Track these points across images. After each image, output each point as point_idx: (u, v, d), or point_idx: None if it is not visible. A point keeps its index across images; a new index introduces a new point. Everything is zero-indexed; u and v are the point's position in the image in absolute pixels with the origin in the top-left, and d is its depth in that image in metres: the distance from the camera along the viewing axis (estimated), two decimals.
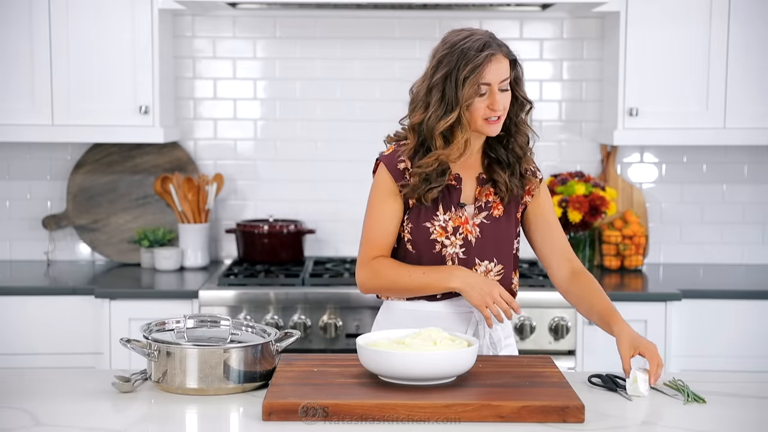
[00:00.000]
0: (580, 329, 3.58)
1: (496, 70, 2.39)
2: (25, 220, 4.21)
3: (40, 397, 2.19)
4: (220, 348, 2.22)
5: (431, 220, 2.48)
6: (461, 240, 2.48)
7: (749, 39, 3.79)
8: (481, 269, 2.49)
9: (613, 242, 4.04)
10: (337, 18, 4.13)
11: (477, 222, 2.49)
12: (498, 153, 2.51)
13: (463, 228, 2.48)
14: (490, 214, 2.51)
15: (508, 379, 2.21)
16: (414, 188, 2.45)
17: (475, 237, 2.49)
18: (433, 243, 2.47)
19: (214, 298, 3.56)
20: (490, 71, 2.38)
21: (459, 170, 2.51)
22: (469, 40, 2.39)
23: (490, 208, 2.51)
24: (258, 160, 4.21)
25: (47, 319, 3.63)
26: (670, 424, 2.05)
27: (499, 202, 2.51)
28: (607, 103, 4.04)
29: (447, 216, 2.48)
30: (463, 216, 2.49)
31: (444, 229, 2.48)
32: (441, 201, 2.48)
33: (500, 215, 2.51)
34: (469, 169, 2.52)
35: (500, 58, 2.40)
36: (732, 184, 4.21)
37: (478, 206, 2.50)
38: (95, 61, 3.81)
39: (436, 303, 2.51)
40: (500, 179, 2.49)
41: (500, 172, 2.50)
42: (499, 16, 4.14)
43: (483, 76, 2.37)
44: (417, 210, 2.49)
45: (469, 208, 2.50)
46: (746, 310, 3.64)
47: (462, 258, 2.48)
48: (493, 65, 2.39)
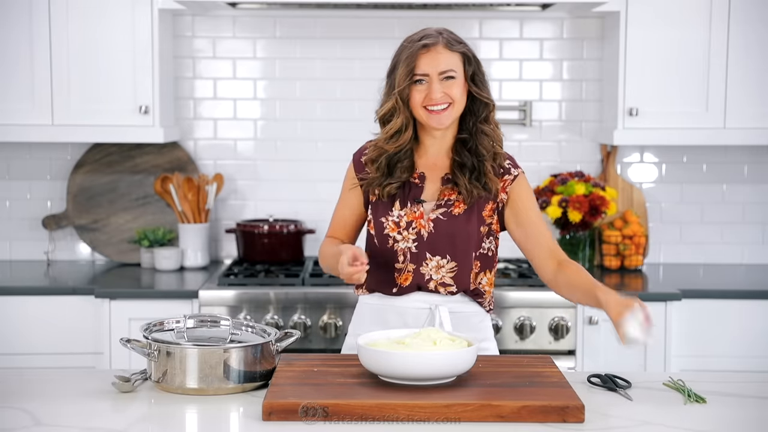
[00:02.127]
0: (580, 329, 3.58)
1: (432, 60, 2.43)
2: (25, 220, 4.21)
3: (40, 397, 2.19)
4: (220, 348, 2.22)
5: (386, 215, 2.52)
6: (414, 234, 2.50)
7: (749, 39, 3.79)
8: (432, 264, 2.50)
9: (613, 242, 4.04)
10: (337, 18, 4.13)
11: (432, 217, 2.51)
12: (463, 156, 2.52)
13: (417, 222, 2.50)
14: (449, 212, 2.51)
15: (508, 379, 2.21)
16: (370, 181, 2.52)
17: (427, 232, 2.50)
18: (386, 238, 2.51)
19: (214, 298, 3.56)
20: (424, 61, 2.43)
21: (425, 170, 2.54)
22: (415, 35, 2.48)
23: (450, 206, 2.52)
24: (258, 160, 4.21)
25: (47, 319, 3.63)
26: (670, 424, 2.05)
27: (461, 202, 2.52)
28: (607, 103, 4.04)
29: (402, 212, 2.51)
30: (419, 211, 2.51)
31: (397, 225, 2.50)
32: (399, 197, 2.52)
33: (460, 213, 2.51)
34: (436, 169, 2.55)
35: (439, 48, 2.44)
36: (732, 184, 4.22)
37: (438, 203, 2.52)
38: (95, 61, 3.81)
39: (393, 298, 2.53)
40: (461, 182, 2.49)
41: (461, 176, 2.50)
42: (499, 16, 4.14)
43: (417, 66, 2.43)
44: (375, 205, 2.54)
45: (428, 205, 2.52)
46: (746, 310, 3.64)
47: (414, 252, 2.50)
48: (430, 55, 2.43)
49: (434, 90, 2.43)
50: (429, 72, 2.43)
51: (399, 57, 2.48)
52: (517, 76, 4.17)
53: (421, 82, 2.44)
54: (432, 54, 2.43)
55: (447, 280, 2.51)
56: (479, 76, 2.49)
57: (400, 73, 2.44)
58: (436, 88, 2.43)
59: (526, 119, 4.17)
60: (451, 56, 2.45)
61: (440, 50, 2.44)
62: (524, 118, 4.17)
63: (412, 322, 2.51)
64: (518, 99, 4.18)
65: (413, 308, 2.52)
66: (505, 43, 4.16)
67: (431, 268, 2.50)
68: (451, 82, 2.44)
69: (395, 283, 2.52)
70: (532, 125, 4.18)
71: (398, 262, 2.51)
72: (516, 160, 2.60)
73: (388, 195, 2.51)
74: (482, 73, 2.50)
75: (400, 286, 2.52)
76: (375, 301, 2.57)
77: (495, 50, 4.16)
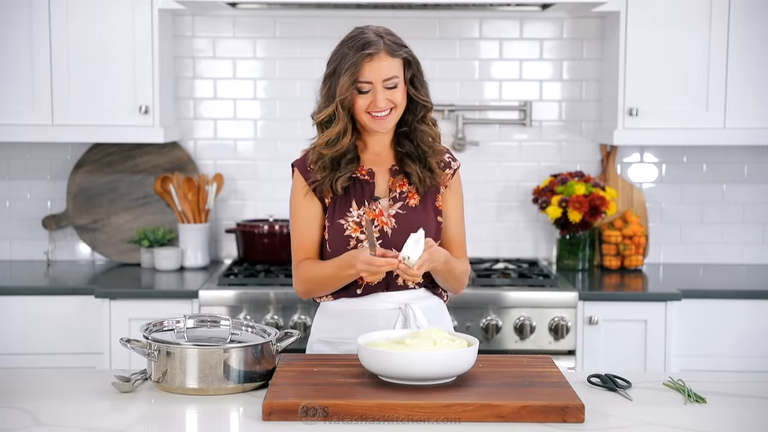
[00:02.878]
0: (580, 329, 3.58)
1: (376, 69, 2.44)
2: (25, 220, 4.21)
3: (40, 397, 2.19)
4: (220, 348, 2.22)
5: (345, 216, 2.52)
6: (377, 233, 2.50)
7: (749, 39, 3.79)
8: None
9: (613, 242, 4.04)
10: (337, 18, 4.13)
11: (392, 213, 2.52)
12: (406, 147, 2.55)
13: (378, 220, 2.51)
14: (406, 204, 2.54)
15: (508, 379, 2.21)
16: (321, 180, 2.51)
17: (391, 228, 2.51)
18: (347, 239, 2.50)
19: (214, 298, 3.57)
20: (368, 70, 2.43)
21: (371, 165, 2.56)
22: (355, 39, 2.46)
23: (405, 198, 2.54)
24: (258, 160, 4.21)
25: (47, 319, 3.63)
26: (670, 424, 2.05)
27: (414, 192, 2.54)
28: (607, 103, 4.04)
29: (361, 210, 2.51)
30: (377, 209, 2.52)
31: (358, 224, 2.50)
32: (354, 196, 2.52)
33: (416, 204, 2.54)
34: (382, 164, 2.57)
35: (382, 56, 2.44)
36: (732, 184, 4.21)
37: (393, 197, 2.54)
38: (95, 61, 3.81)
39: (359, 300, 2.53)
40: (412, 171, 2.53)
41: (411, 165, 2.54)
42: (499, 16, 4.14)
43: (361, 74, 2.43)
44: (332, 208, 2.53)
45: (384, 201, 2.53)
46: (746, 310, 3.64)
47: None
48: (373, 64, 2.43)
49: (379, 99, 2.45)
50: (373, 80, 2.44)
51: (340, 63, 2.46)
52: (517, 76, 4.17)
53: (364, 90, 2.45)
54: (375, 62, 2.44)
55: None
56: (418, 78, 2.52)
57: (343, 82, 2.43)
58: (380, 97, 2.45)
59: (526, 119, 4.17)
60: (393, 62, 2.46)
61: (383, 57, 2.44)
62: (524, 118, 4.17)
63: (384, 324, 2.51)
64: (518, 99, 4.18)
65: (383, 309, 2.53)
66: (505, 43, 4.16)
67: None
68: (394, 90, 2.46)
69: (358, 284, 2.52)
70: (532, 125, 4.18)
71: None
72: (452, 152, 2.65)
73: (342, 188, 2.50)
74: (421, 74, 2.53)
75: (366, 285, 2.52)
76: (342, 306, 2.56)
77: (495, 50, 4.16)
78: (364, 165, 2.55)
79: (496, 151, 4.17)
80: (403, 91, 2.49)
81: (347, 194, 2.53)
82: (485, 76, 4.17)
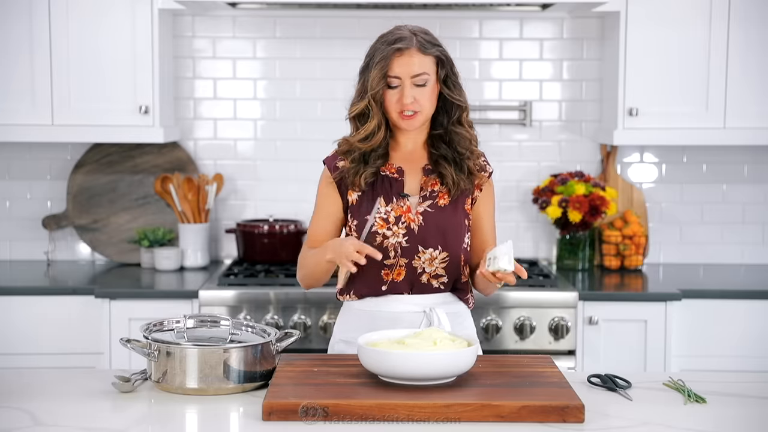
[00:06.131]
0: (580, 329, 3.58)
1: (406, 64, 2.44)
2: (25, 220, 4.21)
3: (40, 397, 2.19)
4: (220, 348, 2.22)
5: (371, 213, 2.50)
6: (404, 229, 2.50)
7: (749, 39, 3.79)
8: (425, 257, 2.50)
9: (613, 242, 4.04)
10: (337, 18, 4.13)
11: (420, 210, 2.51)
12: (441, 150, 2.54)
13: (406, 217, 2.50)
14: (435, 203, 2.53)
15: (508, 379, 2.21)
16: (346, 172, 2.50)
17: (417, 225, 2.50)
18: (374, 235, 2.49)
19: (214, 298, 3.57)
20: (397, 64, 2.44)
21: (402, 163, 2.55)
22: (389, 35, 2.48)
23: (435, 197, 2.53)
24: (258, 160, 4.21)
25: (47, 319, 3.63)
26: (670, 424, 2.05)
27: (446, 192, 2.53)
28: (607, 103, 4.04)
29: (389, 207, 2.50)
30: (405, 206, 2.51)
31: (385, 221, 2.50)
32: (383, 193, 2.51)
33: (446, 204, 2.53)
34: (414, 162, 2.56)
35: (412, 52, 2.44)
36: (732, 184, 4.22)
37: (423, 195, 2.53)
38: (95, 61, 3.81)
39: (385, 301, 2.52)
40: (446, 173, 2.52)
41: (446, 166, 2.53)
42: (499, 16, 4.14)
43: (391, 69, 2.44)
44: (359, 204, 2.52)
45: (413, 198, 2.53)
46: (746, 310, 3.64)
47: (405, 246, 2.50)
48: (403, 59, 2.44)
49: (406, 95, 2.44)
50: (401, 75, 2.44)
51: (372, 58, 2.48)
52: (517, 76, 4.17)
53: (393, 85, 2.46)
54: (405, 57, 2.44)
55: (440, 272, 2.52)
56: (452, 78, 2.51)
57: (374, 76, 2.45)
58: (407, 93, 2.44)
59: (526, 119, 4.17)
60: (424, 59, 2.46)
61: (413, 53, 2.45)
62: (524, 118, 4.18)
63: (407, 326, 2.49)
64: (518, 99, 4.18)
65: (407, 312, 2.52)
66: (505, 43, 4.16)
67: (424, 261, 2.51)
68: (423, 89, 2.46)
69: (384, 281, 2.52)
70: (532, 125, 4.18)
71: (388, 258, 2.50)
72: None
73: (365, 183, 2.50)
74: (455, 74, 2.52)
75: (391, 281, 2.51)
76: (365, 306, 2.55)
77: (495, 50, 4.16)
78: (394, 163, 2.54)
79: (496, 151, 4.17)
80: (433, 91, 2.47)
81: (374, 191, 2.52)
82: (485, 76, 4.17)
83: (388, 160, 2.54)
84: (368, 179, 2.50)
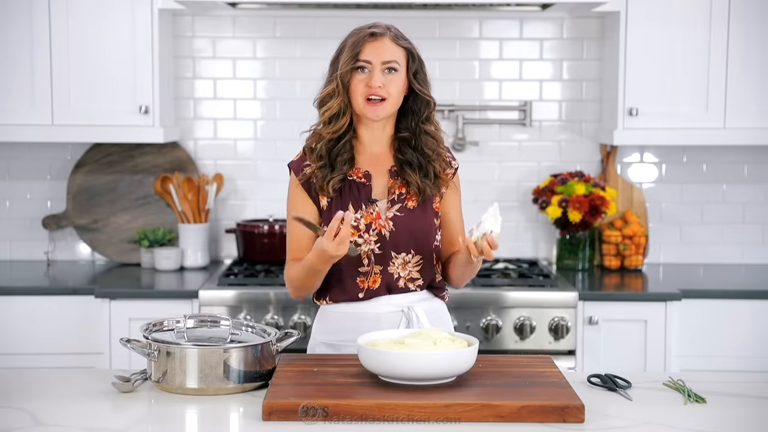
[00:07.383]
0: (580, 329, 3.58)
1: (378, 49, 2.46)
2: (25, 220, 4.21)
3: (40, 397, 2.19)
4: (220, 348, 2.22)
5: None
6: (376, 236, 2.49)
7: (749, 39, 3.79)
8: (398, 261, 2.51)
9: (613, 242, 4.04)
10: (337, 18, 4.13)
11: (390, 216, 2.51)
12: (407, 155, 2.53)
13: (376, 224, 2.50)
14: (404, 206, 2.52)
15: (508, 379, 2.21)
16: (314, 175, 2.49)
17: (389, 231, 2.50)
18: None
19: (214, 298, 3.57)
20: (370, 48, 2.46)
21: (369, 167, 2.54)
22: (365, 26, 2.51)
23: (404, 200, 2.53)
24: (258, 160, 4.21)
25: (47, 319, 3.63)
26: (670, 424, 2.05)
27: (413, 195, 2.53)
28: (607, 103, 4.04)
29: (358, 214, 2.50)
30: (375, 212, 2.51)
31: (356, 228, 2.48)
32: (351, 200, 2.50)
33: (415, 206, 2.53)
34: (380, 165, 2.55)
35: (385, 40, 2.48)
36: (732, 184, 4.21)
37: (391, 199, 2.53)
38: (95, 61, 3.81)
39: (362, 303, 2.52)
40: (412, 180, 2.52)
41: (411, 174, 2.52)
42: (499, 16, 4.14)
43: (362, 53, 2.45)
44: (328, 211, 2.50)
45: (382, 203, 2.52)
46: (746, 310, 3.64)
47: (378, 253, 2.50)
48: (376, 44, 2.46)
49: (375, 78, 2.45)
50: (372, 60, 2.46)
51: (344, 44, 2.50)
52: (517, 76, 4.17)
53: (363, 69, 2.47)
54: (378, 43, 2.46)
55: (414, 275, 2.53)
56: (421, 75, 2.52)
57: (344, 58, 2.46)
58: (377, 77, 2.45)
59: (526, 119, 4.17)
60: (396, 49, 2.48)
61: (386, 41, 2.48)
62: (524, 118, 4.17)
63: (387, 326, 2.50)
64: (518, 99, 4.18)
65: (386, 312, 2.53)
66: (505, 43, 4.16)
67: (398, 266, 2.51)
68: (392, 76, 2.47)
69: (360, 288, 2.52)
70: (532, 125, 4.18)
71: (362, 265, 2.50)
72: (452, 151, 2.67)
73: (333, 189, 2.49)
74: (425, 73, 2.53)
75: (367, 289, 2.51)
76: (343, 309, 2.55)
77: (495, 50, 4.16)
78: (360, 167, 2.54)
79: (496, 151, 4.17)
80: (400, 83, 2.48)
81: (342, 197, 2.51)
82: (485, 76, 4.17)
83: (354, 165, 2.53)
84: (336, 186, 2.49)
